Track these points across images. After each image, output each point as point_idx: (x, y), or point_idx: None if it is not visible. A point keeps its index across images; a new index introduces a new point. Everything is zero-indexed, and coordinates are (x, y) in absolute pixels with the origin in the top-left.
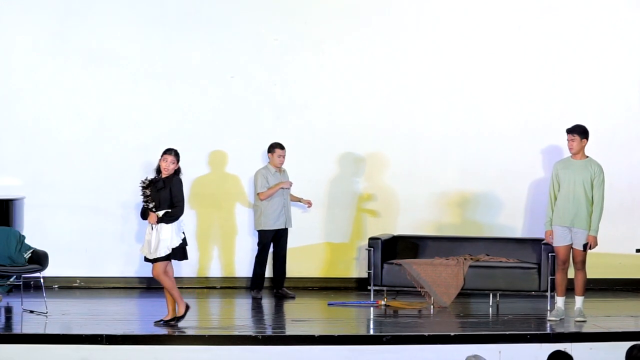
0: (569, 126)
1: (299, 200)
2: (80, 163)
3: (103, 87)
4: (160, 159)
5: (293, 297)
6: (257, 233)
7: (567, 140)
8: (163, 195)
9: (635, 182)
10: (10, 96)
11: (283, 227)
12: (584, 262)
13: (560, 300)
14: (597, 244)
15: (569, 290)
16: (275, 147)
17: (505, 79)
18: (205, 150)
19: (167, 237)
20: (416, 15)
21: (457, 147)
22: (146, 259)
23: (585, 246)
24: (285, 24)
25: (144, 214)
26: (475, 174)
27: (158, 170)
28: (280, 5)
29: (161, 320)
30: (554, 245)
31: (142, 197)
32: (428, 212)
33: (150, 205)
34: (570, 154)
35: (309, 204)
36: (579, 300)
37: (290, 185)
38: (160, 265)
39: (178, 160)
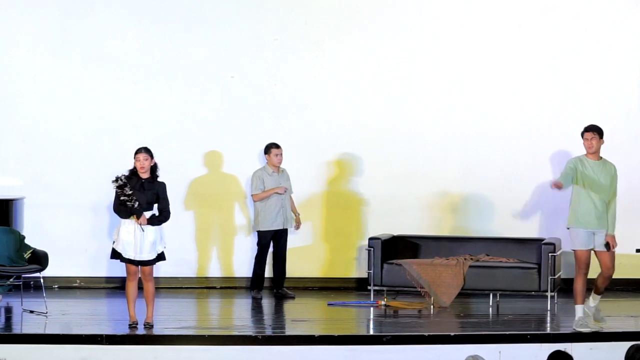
0: (588, 125)
1: (295, 212)
2: (80, 163)
3: (103, 87)
4: (135, 157)
5: (293, 297)
6: (256, 233)
7: (586, 139)
8: (149, 198)
9: (634, 183)
10: (10, 96)
11: (281, 227)
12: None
13: (580, 309)
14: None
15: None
16: (270, 147)
17: (505, 79)
18: (205, 150)
19: (155, 239)
20: (416, 15)
21: (457, 147)
22: (122, 259)
23: (607, 246)
24: (285, 24)
25: (125, 213)
26: (476, 174)
27: (134, 172)
28: (280, 5)
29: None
30: (576, 248)
31: (123, 196)
32: (428, 212)
33: (136, 205)
34: (586, 153)
35: (297, 225)
36: (597, 298)
37: (285, 191)
38: (152, 267)
39: (152, 156)
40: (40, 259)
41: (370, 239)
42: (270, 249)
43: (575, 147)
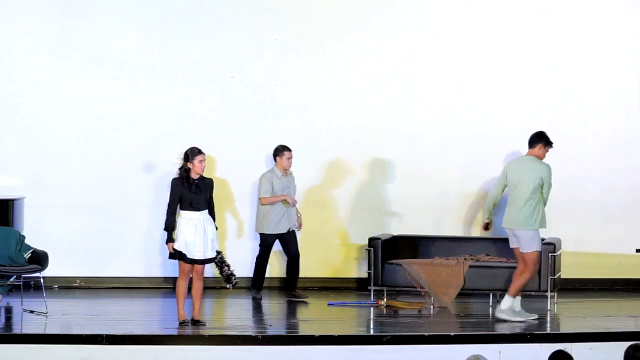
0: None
1: (296, 213)
2: (80, 163)
3: (103, 87)
4: (193, 160)
5: (305, 300)
6: (258, 235)
7: (549, 150)
8: (206, 197)
9: (634, 183)
10: (10, 96)
11: (285, 230)
12: None
13: (512, 301)
14: None
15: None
16: (282, 150)
17: (505, 79)
18: (205, 150)
19: (213, 237)
20: (416, 15)
21: (457, 147)
22: (186, 260)
23: None
24: (285, 24)
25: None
26: (476, 174)
27: (187, 172)
28: (280, 5)
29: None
30: (540, 249)
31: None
32: (428, 212)
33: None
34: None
35: (299, 226)
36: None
37: (294, 203)
38: (204, 266)
39: None
40: (40, 259)
41: (370, 239)
42: (273, 250)
43: (574, 147)
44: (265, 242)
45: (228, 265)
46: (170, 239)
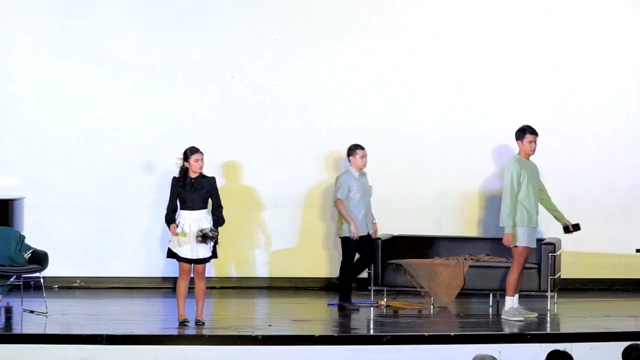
0: (531, 126)
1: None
2: (80, 163)
3: (103, 87)
4: (190, 159)
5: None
6: (340, 240)
7: (533, 141)
8: (202, 196)
9: (634, 183)
10: (10, 96)
11: (365, 233)
12: None
13: (512, 300)
14: None
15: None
16: (355, 149)
17: (505, 79)
18: (205, 150)
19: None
20: (416, 15)
21: (457, 147)
22: (179, 259)
23: (568, 229)
24: (285, 24)
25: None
26: (476, 174)
27: (185, 171)
28: (280, 5)
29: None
30: (532, 246)
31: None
32: (428, 212)
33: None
34: (530, 155)
35: (374, 232)
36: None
37: (356, 236)
38: (204, 265)
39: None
40: (40, 259)
41: None
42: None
43: (574, 147)
44: (352, 247)
45: (214, 230)
46: (172, 221)
